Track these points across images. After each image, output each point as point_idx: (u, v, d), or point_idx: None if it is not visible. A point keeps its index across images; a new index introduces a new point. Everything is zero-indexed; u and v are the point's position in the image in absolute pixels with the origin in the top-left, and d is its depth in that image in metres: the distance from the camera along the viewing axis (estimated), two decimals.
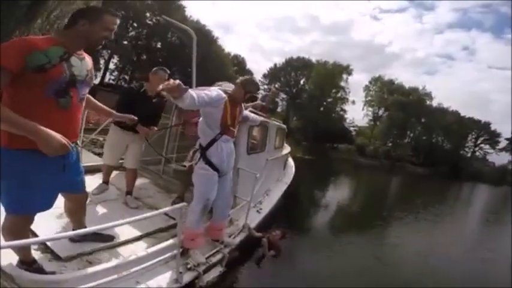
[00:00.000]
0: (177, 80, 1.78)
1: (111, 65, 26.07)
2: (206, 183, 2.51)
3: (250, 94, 2.64)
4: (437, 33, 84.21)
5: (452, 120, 39.69)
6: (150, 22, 24.93)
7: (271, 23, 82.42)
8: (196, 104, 2.06)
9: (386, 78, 41.87)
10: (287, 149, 6.73)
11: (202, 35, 20.53)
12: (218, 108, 2.42)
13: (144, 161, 4.02)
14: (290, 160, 7.62)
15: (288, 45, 75.03)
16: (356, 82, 56.81)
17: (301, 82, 41.23)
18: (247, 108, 3.50)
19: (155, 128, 3.23)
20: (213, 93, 2.34)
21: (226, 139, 2.55)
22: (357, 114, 53.30)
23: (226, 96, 2.48)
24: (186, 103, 1.92)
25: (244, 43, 74.13)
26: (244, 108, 2.91)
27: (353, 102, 39.91)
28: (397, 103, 37.65)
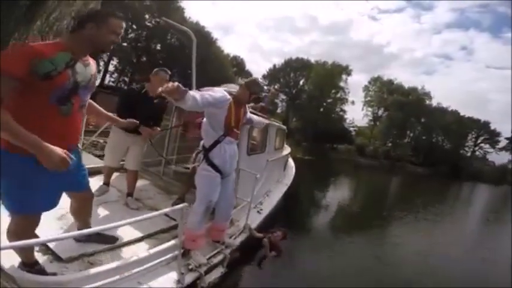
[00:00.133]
0: (176, 82, 1.76)
1: (110, 67, 26.13)
2: (209, 184, 2.50)
3: (255, 95, 2.61)
4: (435, 33, 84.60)
5: (451, 119, 39.75)
6: (150, 24, 24.96)
7: (270, 23, 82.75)
8: (199, 105, 2.04)
9: (385, 78, 42.08)
10: (287, 150, 6.74)
11: (201, 37, 20.58)
12: (222, 109, 2.39)
13: (145, 163, 4.02)
14: (290, 161, 7.63)
15: (287, 45, 75.29)
16: (355, 82, 57.25)
17: (300, 83, 41.32)
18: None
19: (158, 129, 3.21)
20: (218, 94, 2.32)
21: (229, 141, 2.53)
22: (357, 114, 53.44)
23: (231, 97, 2.45)
24: (188, 105, 1.90)
25: (243, 43, 74.42)
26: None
27: (352, 102, 40.06)
28: (397, 103, 37.71)
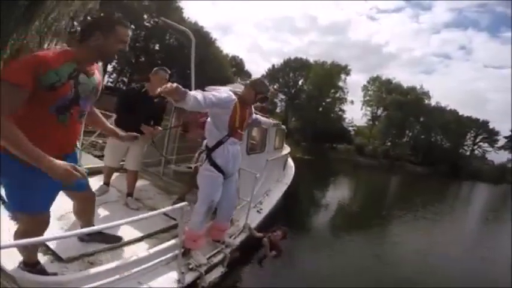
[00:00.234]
0: (175, 83, 1.72)
1: (109, 68, 26.07)
2: (211, 184, 2.48)
3: (261, 95, 2.56)
4: (434, 32, 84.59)
5: (450, 119, 39.79)
6: (148, 24, 24.94)
7: (269, 24, 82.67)
8: (202, 106, 2.00)
9: (384, 78, 42.03)
10: (287, 150, 6.74)
11: (200, 37, 20.55)
12: (227, 109, 2.35)
13: (144, 163, 4.02)
14: (290, 160, 7.63)
15: (287, 45, 75.25)
16: (354, 82, 56.88)
17: (299, 82, 41.31)
18: None
19: (160, 128, 3.19)
20: (223, 94, 2.28)
21: (233, 141, 2.50)
22: (356, 114, 53.38)
23: (236, 98, 2.41)
24: (190, 105, 1.87)
25: (242, 43, 74.38)
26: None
27: (351, 102, 40.03)
28: (395, 102, 37.73)
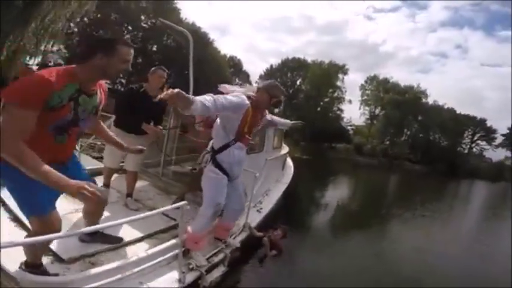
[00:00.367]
0: (177, 89, 1.63)
1: None
2: (215, 186, 2.43)
3: (276, 99, 2.43)
4: (430, 31, 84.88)
5: (448, 117, 39.91)
6: (146, 25, 24.94)
7: (267, 24, 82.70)
8: (211, 111, 1.92)
9: (381, 77, 42.12)
10: (285, 149, 6.75)
11: (198, 37, 20.57)
12: (238, 114, 2.26)
13: (143, 164, 4.02)
14: (289, 160, 7.64)
15: (284, 45, 75.39)
16: (352, 81, 57.18)
17: (297, 82, 41.44)
18: None
19: (161, 128, 3.16)
20: (235, 98, 2.17)
21: (239, 146, 2.44)
22: (354, 113, 53.35)
23: (249, 102, 2.29)
24: (198, 112, 1.79)
25: (240, 44, 74.37)
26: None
27: (349, 101, 40.23)
28: (393, 101, 37.85)
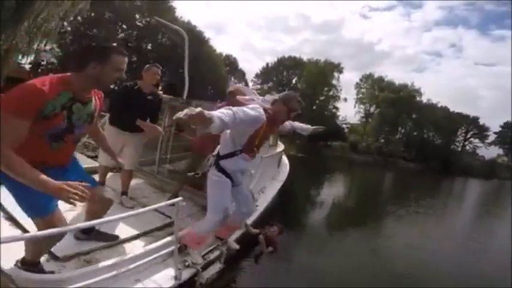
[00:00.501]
0: (199, 107, 1.51)
1: None
2: (221, 190, 2.36)
3: (294, 112, 2.34)
4: (425, 30, 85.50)
5: (441, 115, 40.29)
6: (140, 24, 24.72)
7: (263, 23, 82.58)
8: (229, 126, 1.86)
9: (376, 75, 42.33)
10: (281, 147, 6.78)
11: (193, 36, 20.45)
12: (253, 128, 2.18)
13: (139, 162, 4.02)
14: (284, 158, 7.67)
15: (280, 44, 75.28)
16: (347, 80, 57.14)
17: (293, 81, 41.46)
18: None
19: (159, 128, 3.06)
20: (253, 112, 2.05)
21: (244, 158, 2.37)
22: (349, 111, 53.68)
23: (265, 116, 2.17)
24: (217, 129, 1.72)
25: (236, 42, 74.18)
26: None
27: (345, 99, 40.35)
28: (388, 100, 38.06)
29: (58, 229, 1.44)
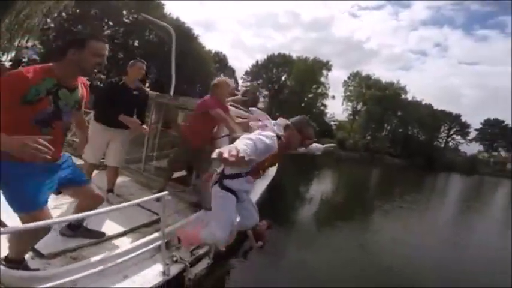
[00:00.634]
0: (241, 154, 1.38)
1: None
2: (228, 206, 2.23)
3: (309, 140, 2.26)
4: (412, 30, 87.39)
5: (426, 113, 41.35)
6: (127, 20, 24.24)
7: (253, 20, 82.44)
8: (256, 161, 1.85)
9: (363, 74, 43.03)
10: None
11: (181, 32, 20.20)
12: (264, 156, 2.06)
13: (125, 159, 3.97)
14: None
15: (270, 41, 75.43)
16: (336, 78, 58.35)
17: (282, 78, 41.64)
18: (227, 102, 3.51)
19: (145, 127, 2.98)
20: (269, 141, 1.96)
21: (249, 180, 2.28)
22: (337, 109, 54.45)
23: (277, 143, 2.06)
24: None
25: (226, 39, 73.82)
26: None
27: (333, 97, 40.90)
28: (374, 98, 38.77)
29: (49, 220, 1.47)
